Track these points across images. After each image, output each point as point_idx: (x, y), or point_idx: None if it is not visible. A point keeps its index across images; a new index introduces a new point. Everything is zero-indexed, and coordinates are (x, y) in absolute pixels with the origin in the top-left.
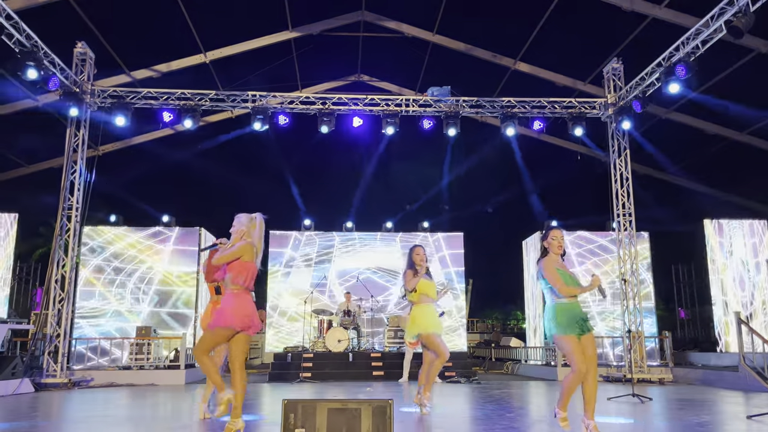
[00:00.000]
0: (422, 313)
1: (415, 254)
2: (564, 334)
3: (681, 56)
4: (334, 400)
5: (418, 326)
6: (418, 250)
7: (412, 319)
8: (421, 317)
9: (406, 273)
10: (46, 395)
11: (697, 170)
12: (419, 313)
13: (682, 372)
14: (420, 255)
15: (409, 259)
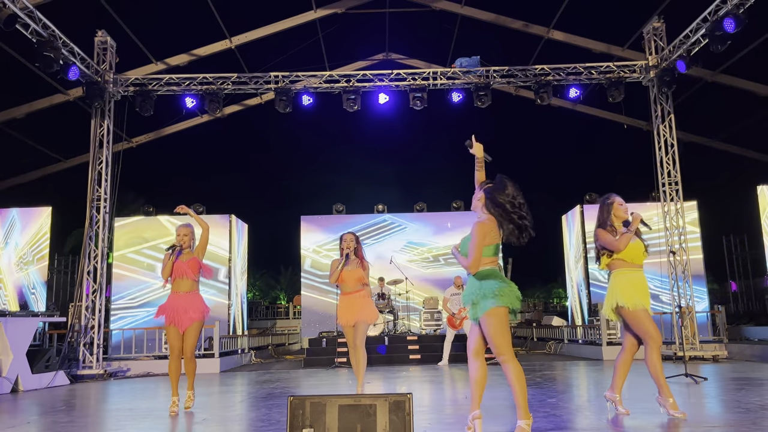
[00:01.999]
0: (625, 281)
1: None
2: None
3: (729, 8)
4: (346, 395)
5: (619, 296)
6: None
7: (611, 287)
8: (624, 286)
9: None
10: (80, 387)
11: (748, 135)
12: (622, 280)
13: (738, 348)
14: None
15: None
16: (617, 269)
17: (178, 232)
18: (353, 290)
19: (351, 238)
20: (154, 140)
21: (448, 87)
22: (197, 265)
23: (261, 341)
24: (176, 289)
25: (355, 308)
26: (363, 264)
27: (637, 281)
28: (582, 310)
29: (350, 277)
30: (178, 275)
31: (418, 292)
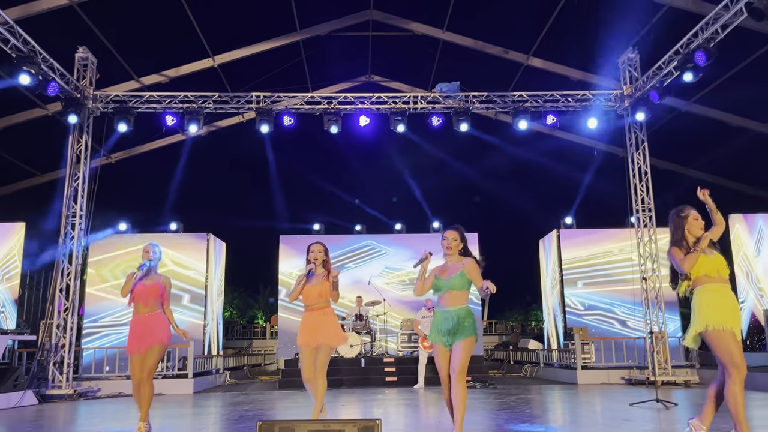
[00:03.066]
0: (715, 298)
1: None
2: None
3: (700, 42)
4: (316, 420)
5: (708, 316)
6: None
7: (697, 305)
8: (713, 303)
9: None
10: (49, 407)
11: (721, 164)
12: (710, 297)
13: (709, 373)
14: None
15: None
16: (702, 285)
17: (146, 250)
18: (316, 306)
19: (320, 248)
20: (132, 156)
21: (428, 111)
22: (159, 291)
23: (236, 361)
24: (137, 311)
25: (318, 327)
26: (329, 276)
27: (728, 298)
28: (558, 334)
29: (313, 292)
30: (140, 297)
31: (396, 314)
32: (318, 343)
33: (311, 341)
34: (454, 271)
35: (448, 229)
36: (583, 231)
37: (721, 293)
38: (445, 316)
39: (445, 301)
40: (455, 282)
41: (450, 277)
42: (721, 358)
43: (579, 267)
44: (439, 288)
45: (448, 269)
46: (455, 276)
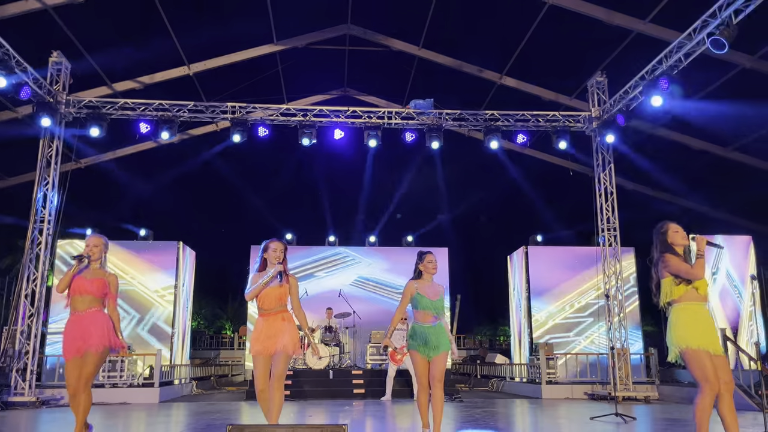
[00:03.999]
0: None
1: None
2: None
3: (664, 69)
4: (284, 425)
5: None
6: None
7: (675, 323)
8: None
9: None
10: (10, 415)
11: (683, 186)
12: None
13: (669, 390)
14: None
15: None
16: (682, 302)
17: (87, 243)
18: (273, 310)
19: (281, 247)
20: (102, 162)
21: (402, 126)
22: (103, 287)
23: (203, 371)
24: (74, 309)
25: (276, 334)
26: (288, 278)
27: (705, 318)
28: (524, 349)
29: (270, 295)
30: (77, 292)
31: (365, 327)
32: (275, 351)
33: (267, 349)
34: (437, 294)
35: (429, 253)
36: (551, 248)
37: (700, 313)
38: (431, 331)
39: (428, 318)
40: (440, 305)
41: (436, 299)
42: (695, 374)
43: (546, 283)
44: (426, 307)
45: (432, 290)
46: (440, 299)
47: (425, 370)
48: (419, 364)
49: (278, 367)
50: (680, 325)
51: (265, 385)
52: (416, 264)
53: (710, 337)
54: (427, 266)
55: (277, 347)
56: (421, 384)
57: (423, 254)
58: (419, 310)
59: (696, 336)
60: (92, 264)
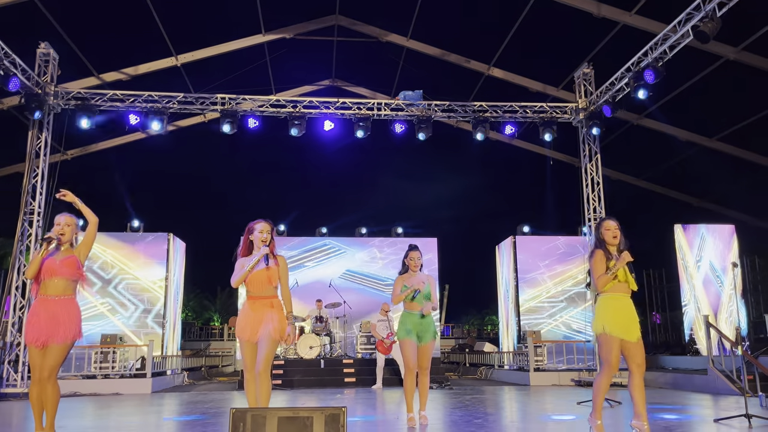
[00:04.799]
0: (612, 308)
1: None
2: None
3: (649, 61)
4: (285, 408)
5: (603, 322)
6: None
7: (598, 310)
8: (610, 313)
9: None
10: (3, 406)
11: (669, 176)
12: (608, 305)
13: (653, 375)
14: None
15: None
16: (606, 294)
17: (57, 221)
18: (261, 294)
19: (267, 228)
20: (89, 154)
21: (391, 118)
22: (75, 265)
23: (194, 362)
24: (44, 293)
25: (263, 319)
26: (276, 260)
27: (620, 307)
28: (511, 337)
29: (258, 278)
30: (48, 275)
31: (356, 316)
32: (260, 336)
33: (254, 335)
34: (422, 284)
35: (414, 250)
36: (538, 238)
37: (620, 304)
38: (418, 320)
39: (415, 307)
40: (428, 292)
41: (423, 289)
42: (601, 356)
43: (533, 273)
44: (413, 297)
45: (416, 281)
46: (426, 287)
47: (413, 353)
48: (408, 347)
49: (263, 351)
50: (600, 313)
51: (250, 373)
52: (403, 259)
53: (625, 325)
54: (409, 262)
55: (263, 333)
56: (409, 367)
57: (408, 251)
58: (407, 301)
59: (611, 324)
60: (63, 245)
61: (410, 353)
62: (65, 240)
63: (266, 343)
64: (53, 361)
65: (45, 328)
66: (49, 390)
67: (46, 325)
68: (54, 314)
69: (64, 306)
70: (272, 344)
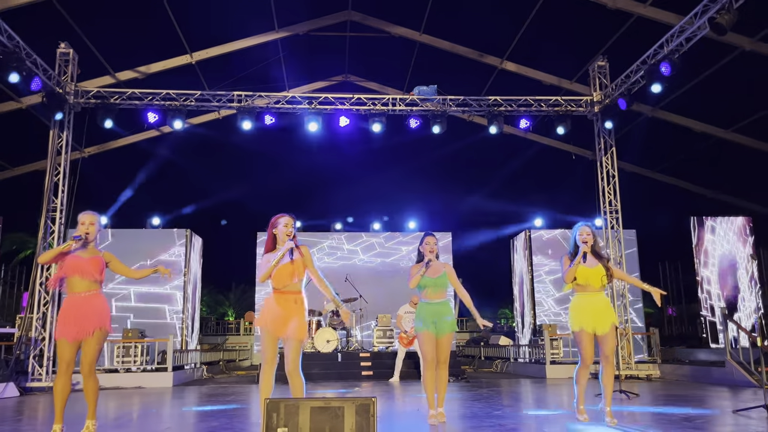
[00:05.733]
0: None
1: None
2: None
3: (665, 54)
4: (317, 398)
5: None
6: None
7: (571, 309)
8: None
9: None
10: (30, 399)
11: (684, 168)
12: (574, 303)
13: (670, 368)
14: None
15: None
16: (577, 293)
17: (81, 221)
18: (285, 288)
19: (290, 222)
20: (107, 151)
21: (406, 113)
22: (100, 266)
23: (212, 356)
24: (71, 290)
25: (288, 317)
26: (300, 251)
27: (588, 305)
28: (527, 331)
29: (283, 272)
30: (75, 272)
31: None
32: (285, 336)
33: (279, 330)
34: (437, 272)
35: (429, 235)
36: (553, 231)
37: (589, 301)
38: (435, 308)
39: (430, 295)
40: (442, 280)
41: (436, 277)
42: (578, 350)
43: (548, 265)
44: (427, 285)
45: (432, 269)
46: (441, 276)
47: (432, 346)
48: (425, 340)
49: (290, 352)
50: (572, 311)
51: (269, 365)
52: (419, 246)
53: (594, 320)
54: (424, 247)
55: (287, 333)
56: (427, 361)
57: (423, 237)
58: (423, 290)
59: (580, 320)
60: (89, 244)
61: (428, 346)
62: (91, 238)
63: (292, 344)
64: (90, 355)
65: (76, 325)
66: (90, 383)
67: (78, 322)
68: (84, 310)
69: (92, 301)
70: (298, 344)
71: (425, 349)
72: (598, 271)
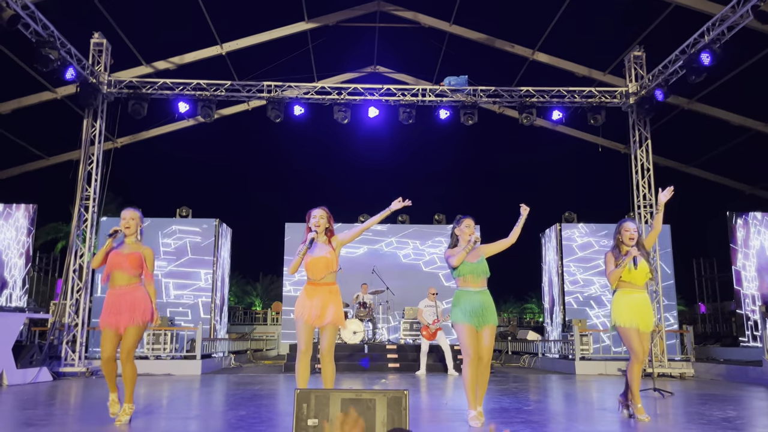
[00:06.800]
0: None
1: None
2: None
3: (706, 43)
4: (349, 390)
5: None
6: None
7: (613, 305)
8: (624, 307)
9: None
10: (63, 384)
11: (720, 162)
12: (618, 299)
13: (704, 367)
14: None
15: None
16: (619, 290)
17: (123, 216)
18: (323, 280)
19: (322, 214)
20: (138, 141)
21: (436, 104)
22: (138, 262)
23: (239, 346)
24: (113, 284)
25: (325, 306)
26: (332, 243)
27: (634, 301)
28: (557, 326)
29: (319, 264)
30: (117, 267)
31: (399, 303)
32: (323, 323)
33: (314, 319)
34: (477, 256)
35: (467, 217)
36: (584, 225)
37: (635, 298)
38: (476, 298)
39: (470, 283)
40: (483, 266)
41: (476, 261)
42: (627, 346)
43: (579, 260)
44: (468, 272)
45: (472, 253)
46: (481, 261)
47: (473, 339)
48: (466, 334)
49: (327, 341)
50: (615, 307)
51: (304, 355)
52: (452, 230)
53: (639, 317)
54: (463, 230)
55: (325, 320)
56: (469, 355)
57: (460, 219)
58: (460, 277)
59: (626, 316)
60: (128, 238)
61: (469, 339)
62: (130, 233)
63: (329, 330)
64: (128, 344)
65: (116, 316)
66: (128, 369)
67: (117, 313)
68: (122, 303)
69: (130, 294)
70: (334, 331)
71: (465, 343)
72: (642, 268)
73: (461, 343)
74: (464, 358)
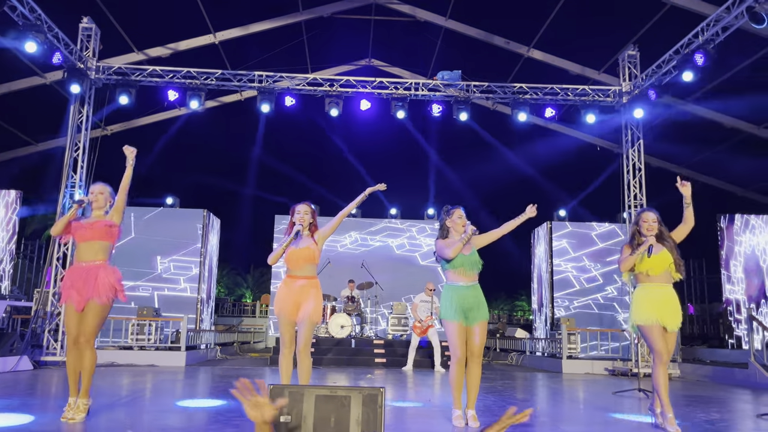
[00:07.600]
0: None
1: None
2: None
3: (700, 43)
4: (323, 386)
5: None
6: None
7: (634, 301)
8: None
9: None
10: (44, 372)
11: (712, 164)
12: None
13: (691, 368)
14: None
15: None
16: (641, 283)
17: (92, 190)
18: (301, 274)
19: (306, 210)
20: (130, 129)
21: (429, 98)
22: (102, 227)
23: (226, 338)
24: (77, 259)
25: (303, 301)
26: (314, 237)
27: (657, 296)
28: (544, 324)
29: (298, 256)
30: (79, 239)
31: (387, 297)
32: (300, 318)
33: (293, 314)
34: (469, 248)
35: (457, 208)
36: (575, 224)
37: (656, 292)
38: (467, 293)
39: (461, 276)
40: (475, 258)
41: (469, 254)
42: (649, 346)
43: (569, 259)
44: (459, 264)
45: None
46: (473, 252)
47: (462, 339)
48: (454, 332)
49: (303, 335)
50: (636, 302)
51: (287, 349)
52: (441, 222)
53: (663, 314)
54: (456, 221)
55: (301, 315)
56: (456, 355)
57: (450, 209)
58: (452, 270)
59: (649, 313)
60: (95, 212)
61: (458, 339)
62: (96, 206)
63: (306, 325)
64: (89, 326)
65: (76, 293)
66: (87, 355)
67: (77, 290)
68: (85, 279)
69: (94, 271)
70: (311, 326)
71: (453, 341)
72: (662, 258)
73: (450, 341)
74: (452, 357)
